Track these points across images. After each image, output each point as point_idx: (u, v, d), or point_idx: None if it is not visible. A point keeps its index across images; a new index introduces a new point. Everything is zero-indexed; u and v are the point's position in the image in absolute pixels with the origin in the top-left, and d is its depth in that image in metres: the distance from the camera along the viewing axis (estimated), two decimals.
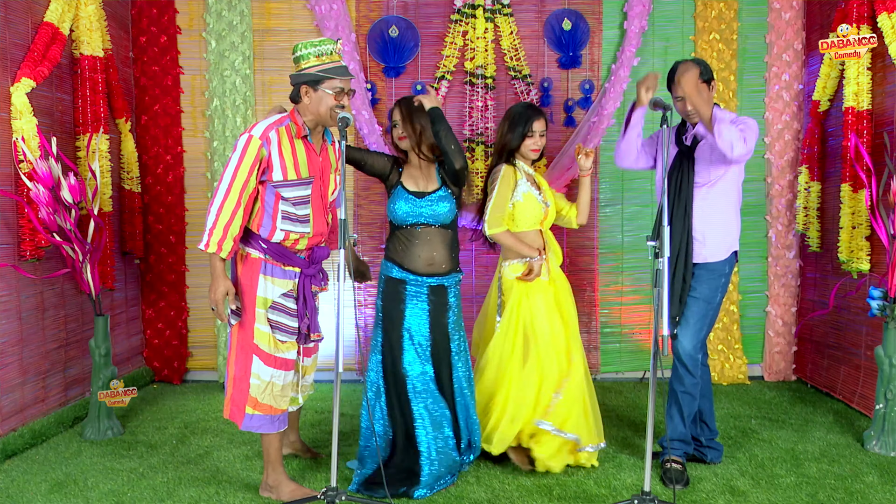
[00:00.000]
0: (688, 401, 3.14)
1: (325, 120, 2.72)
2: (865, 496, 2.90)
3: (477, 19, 4.65)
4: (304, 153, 2.73)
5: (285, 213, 2.72)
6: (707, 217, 3.09)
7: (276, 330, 2.77)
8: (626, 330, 4.84)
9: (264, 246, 2.74)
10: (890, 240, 3.46)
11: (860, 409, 3.98)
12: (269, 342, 2.76)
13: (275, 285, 2.76)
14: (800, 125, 4.67)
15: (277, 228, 2.72)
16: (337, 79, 2.68)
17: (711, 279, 3.12)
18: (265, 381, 2.77)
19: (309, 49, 2.69)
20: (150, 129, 4.70)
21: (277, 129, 2.68)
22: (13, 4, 3.46)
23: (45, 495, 2.95)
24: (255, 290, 2.74)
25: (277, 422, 2.82)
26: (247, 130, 2.68)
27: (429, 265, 3.02)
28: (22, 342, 3.54)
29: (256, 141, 2.63)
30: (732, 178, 3.12)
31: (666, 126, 2.64)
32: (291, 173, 2.69)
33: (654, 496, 2.63)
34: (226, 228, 2.62)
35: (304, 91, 2.70)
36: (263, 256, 2.74)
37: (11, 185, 3.45)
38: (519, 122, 3.22)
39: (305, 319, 2.82)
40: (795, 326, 4.76)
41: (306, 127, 2.72)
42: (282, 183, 2.69)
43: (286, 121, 2.71)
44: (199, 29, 4.73)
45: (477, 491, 2.98)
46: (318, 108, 2.69)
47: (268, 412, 2.79)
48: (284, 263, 2.77)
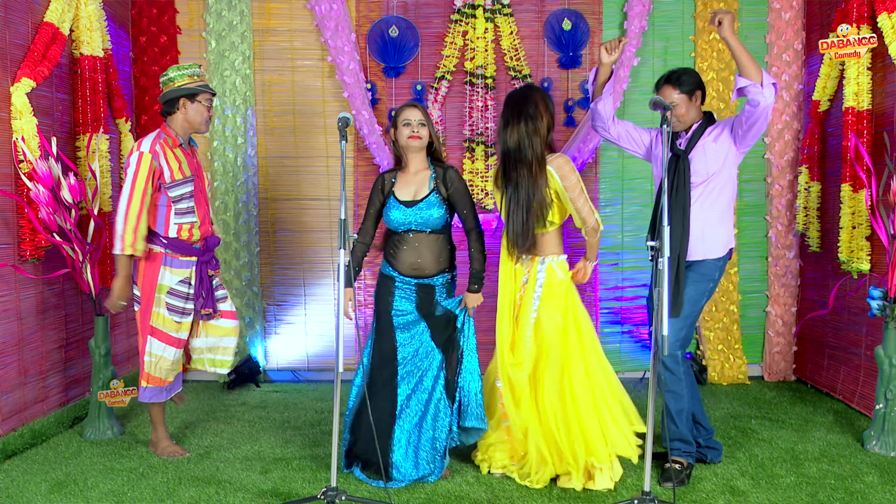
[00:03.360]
0: (672, 399, 3.14)
1: (198, 127, 3.32)
2: (865, 496, 2.90)
3: (477, 19, 4.65)
4: (182, 157, 3.30)
5: (178, 209, 3.26)
6: (705, 215, 3.11)
7: (172, 312, 3.29)
8: (626, 330, 4.85)
9: (165, 241, 3.27)
10: (890, 240, 3.46)
11: (860, 409, 3.98)
12: (164, 323, 3.29)
13: (173, 274, 3.29)
14: (800, 125, 4.67)
15: (171, 223, 3.26)
16: (208, 92, 3.30)
17: (700, 282, 3.13)
18: (157, 356, 3.30)
19: (182, 71, 3.28)
20: (150, 129, 4.69)
21: (159, 142, 3.23)
22: (13, 4, 3.46)
23: (45, 495, 2.95)
24: (155, 279, 3.27)
25: (165, 392, 3.37)
26: (136, 149, 3.19)
27: (413, 269, 3.12)
28: (22, 342, 3.54)
29: (148, 155, 3.18)
30: (728, 175, 3.13)
31: (666, 126, 2.63)
32: (178, 174, 3.25)
33: (654, 496, 2.63)
34: (135, 230, 3.14)
35: (182, 103, 3.27)
36: (164, 250, 3.27)
37: (11, 185, 3.45)
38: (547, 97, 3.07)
39: (201, 299, 3.35)
40: (795, 326, 4.76)
41: (180, 137, 3.30)
42: (171, 183, 3.23)
43: (162, 135, 3.27)
44: (199, 29, 4.73)
45: (477, 491, 2.98)
46: (195, 116, 3.29)
47: (157, 384, 3.33)
48: (182, 254, 3.30)
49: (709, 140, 3.10)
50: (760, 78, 2.89)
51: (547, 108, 3.00)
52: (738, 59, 2.94)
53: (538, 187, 2.93)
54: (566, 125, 4.74)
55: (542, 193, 2.94)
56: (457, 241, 3.29)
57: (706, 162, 3.08)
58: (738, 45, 2.93)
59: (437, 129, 4.70)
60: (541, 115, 2.96)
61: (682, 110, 3.11)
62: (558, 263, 3.04)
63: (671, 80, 3.12)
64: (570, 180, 2.94)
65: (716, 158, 3.08)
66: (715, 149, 3.08)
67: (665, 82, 3.14)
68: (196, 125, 3.31)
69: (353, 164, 4.81)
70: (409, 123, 3.08)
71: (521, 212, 2.95)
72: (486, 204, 4.71)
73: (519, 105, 2.98)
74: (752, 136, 3.04)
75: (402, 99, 4.76)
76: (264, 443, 3.60)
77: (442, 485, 3.03)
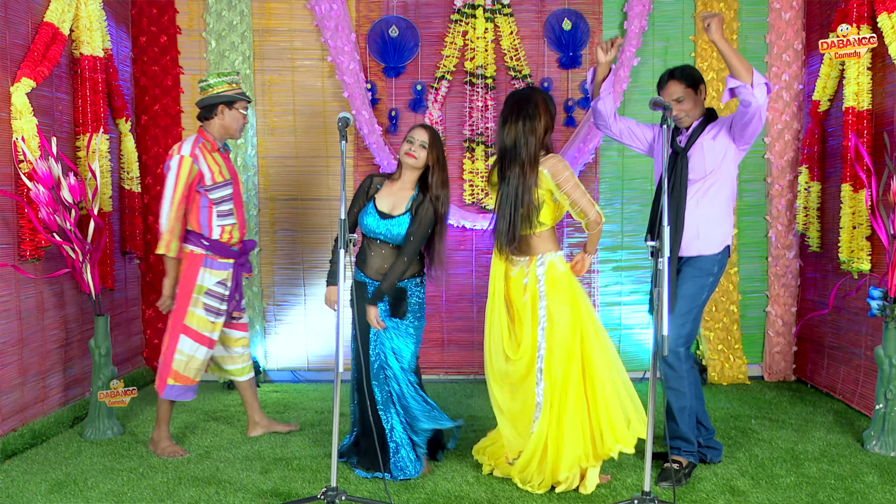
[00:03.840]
0: (674, 396, 3.14)
1: (233, 133, 3.42)
2: (865, 496, 2.90)
3: (477, 19, 4.65)
4: (221, 161, 3.40)
5: (219, 212, 3.37)
6: (701, 212, 3.11)
7: (208, 312, 3.38)
8: (626, 330, 4.85)
9: (206, 243, 3.36)
10: (890, 240, 3.46)
11: (860, 409, 3.98)
12: (199, 323, 3.36)
13: (212, 275, 3.38)
14: (800, 125, 4.67)
15: (214, 225, 3.37)
16: (243, 100, 3.41)
17: (698, 277, 3.13)
18: (188, 356, 3.36)
19: (221, 78, 3.38)
20: (150, 129, 4.70)
21: (198, 147, 3.32)
22: (13, 4, 3.46)
23: (45, 495, 2.95)
24: (194, 280, 3.34)
25: (192, 391, 3.43)
26: (176, 153, 3.28)
27: (379, 273, 3.17)
28: (22, 342, 3.54)
29: (188, 159, 3.27)
30: (727, 174, 3.13)
31: (666, 126, 2.64)
32: (218, 177, 3.35)
33: (654, 496, 2.63)
34: (172, 231, 3.27)
35: (220, 109, 3.36)
36: (205, 252, 3.36)
37: (11, 185, 3.45)
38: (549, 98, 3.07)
39: (234, 301, 3.47)
40: (795, 326, 4.76)
41: (218, 141, 3.40)
42: (211, 186, 3.33)
43: (200, 139, 3.35)
44: (199, 29, 4.73)
45: (477, 491, 2.98)
46: (232, 123, 3.39)
47: (185, 383, 3.39)
48: (222, 256, 3.39)
49: (708, 138, 3.11)
50: (750, 78, 2.89)
51: (547, 109, 3.00)
52: (727, 61, 2.95)
53: (527, 187, 2.94)
54: (566, 125, 4.74)
55: (531, 193, 2.94)
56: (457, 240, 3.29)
57: (704, 159, 3.09)
58: (726, 46, 2.94)
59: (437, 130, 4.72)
60: (539, 115, 2.97)
61: (689, 105, 3.13)
62: (557, 258, 3.03)
63: (675, 75, 3.13)
64: (562, 176, 2.94)
65: (714, 156, 3.08)
66: (714, 146, 3.09)
67: (670, 77, 3.15)
68: (232, 131, 3.41)
69: (353, 164, 4.81)
70: (412, 141, 3.13)
71: (510, 209, 2.97)
72: (486, 204, 4.71)
73: (519, 104, 3.00)
74: (749, 135, 3.05)
75: (402, 99, 4.76)
76: (264, 443, 3.60)
77: (442, 485, 3.03)
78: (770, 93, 2.99)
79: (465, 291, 4.80)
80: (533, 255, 3.03)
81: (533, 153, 2.95)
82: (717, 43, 2.94)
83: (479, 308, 4.78)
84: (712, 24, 2.94)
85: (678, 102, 3.13)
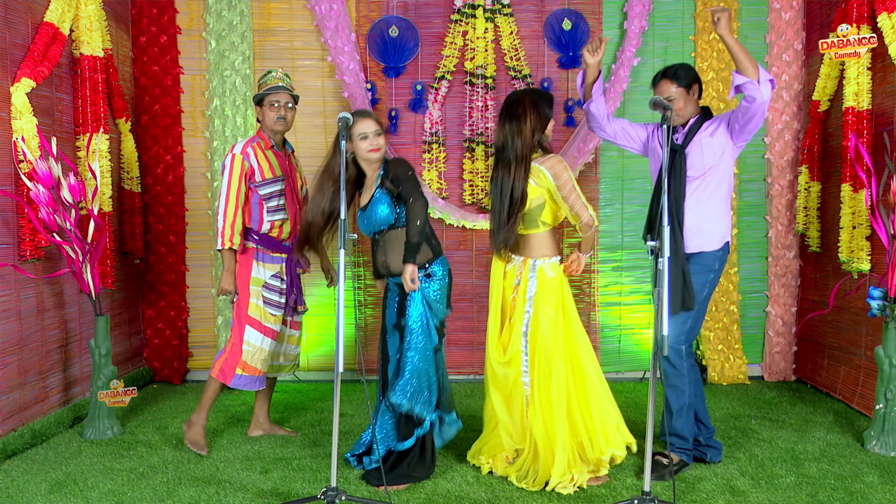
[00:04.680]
0: (673, 394, 3.15)
1: (274, 128, 3.47)
2: (865, 496, 2.90)
3: (477, 19, 4.65)
4: (273, 158, 3.49)
5: (269, 207, 3.45)
6: (701, 209, 3.12)
7: (268, 305, 3.47)
8: (626, 330, 4.85)
9: (256, 237, 3.47)
10: (890, 240, 3.46)
11: (860, 409, 3.98)
12: (261, 314, 3.45)
13: (266, 269, 3.48)
14: (800, 125, 4.67)
15: (265, 220, 3.46)
16: (272, 94, 3.44)
17: (699, 273, 3.14)
18: (255, 347, 3.44)
19: (261, 80, 3.51)
20: (150, 129, 4.70)
21: (252, 145, 3.45)
22: (13, 4, 3.46)
23: (45, 495, 2.95)
24: (248, 272, 3.45)
25: (259, 382, 3.50)
26: (230, 151, 3.41)
27: (383, 268, 3.17)
28: (22, 342, 3.54)
29: (239, 156, 3.40)
30: (725, 170, 3.13)
31: (666, 126, 2.64)
32: (267, 174, 3.45)
33: (654, 496, 2.63)
34: (232, 226, 3.37)
35: (257, 111, 3.52)
36: (256, 246, 3.47)
37: (11, 185, 3.45)
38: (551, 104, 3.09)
39: (293, 294, 3.55)
40: (795, 326, 4.76)
41: (271, 139, 3.49)
42: (261, 182, 3.43)
43: (256, 139, 3.48)
44: (199, 29, 4.73)
45: (477, 491, 2.98)
46: (266, 120, 3.47)
47: (252, 373, 3.46)
48: (273, 250, 3.49)
49: (705, 135, 3.11)
50: (757, 75, 2.90)
51: (535, 110, 3.00)
52: (734, 56, 2.95)
53: (516, 186, 2.96)
54: (566, 125, 4.74)
55: (519, 192, 2.96)
56: (457, 240, 3.29)
57: (703, 156, 3.10)
58: (734, 42, 2.94)
59: (437, 130, 4.72)
60: (525, 116, 2.98)
61: (681, 104, 3.12)
62: (549, 265, 3.04)
63: (668, 75, 3.14)
64: (562, 178, 2.97)
65: (712, 153, 3.09)
66: (711, 143, 3.10)
67: (662, 77, 3.16)
68: (269, 126, 3.47)
69: None
70: (367, 137, 3.07)
71: (500, 208, 3.00)
72: (486, 204, 4.71)
73: (508, 106, 3.05)
74: (749, 132, 3.06)
75: (402, 99, 4.76)
76: (264, 443, 3.60)
77: (442, 485, 3.03)
78: (774, 89, 3.00)
79: (465, 291, 4.80)
80: (528, 258, 3.05)
81: (520, 154, 2.97)
82: (725, 38, 2.94)
83: (479, 308, 4.78)
84: (722, 19, 2.94)
85: (668, 101, 3.13)
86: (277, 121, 3.45)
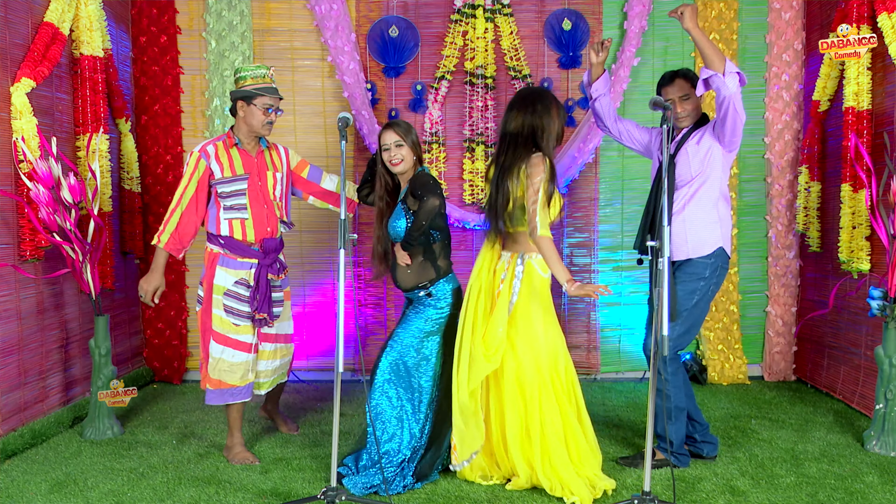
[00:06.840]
0: (659, 399, 3.14)
1: (257, 130, 3.28)
2: (865, 496, 2.90)
3: (477, 19, 4.65)
4: (237, 156, 3.29)
5: (225, 206, 3.26)
6: (688, 216, 3.13)
7: (230, 314, 3.27)
8: (626, 330, 4.85)
9: (222, 241, 3.28)
10: (890, 240, 3.46)
11: (860, 409, 3.98)
12: (221, 324, 3.26)
13: (228, 274, 3.27)
14: (800, 125, 4.67)
15: (222, 220, 3.27)
16: (267, 96, 3.23)
17: (687, 281, 3.13)
18: (215, 358, 3.26)
19: (248, 72, 3.26)
20: (150, 129, 4.70)
21: (214, 144, 3.30)
22: (13, 4, 3.46)
23: (45, 495, 2.95)
24: (212, 279, 3.27)
25: (228, 395, 3.28)
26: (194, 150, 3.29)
27: (395, 282, 3.20)
28: (22, 342, 3.54)
29: (196, 153, 3.26)
30: (713, 177, 3.12)
31: (666, 126, 2.64)
32: (227, 172, 3.26)
33: (654, 496, 2.63)
34: (165, 223, 3.25)
35: (239, 106, 3.25)
36: (221, 251, 3.28)
37: (11, 185, 3.45)
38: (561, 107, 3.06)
39: (255, 302, 3.27)
40: (795, 326, 4.76)
41: (236, 137, 3.29)
42: (220, 180, 3.25)
43: (223, 137, 3.32)
44: (199, 29, 4.73)
45: (477, 491, 2.98)
46: (251, 120, 3.24)
47: (217, 386, 3.27)
48: (240, 255, 3.29)
49: (692, 143, 3.14)
50: (723, 67, 2.91)
51: (559, 114, 3.01)
52: (701, 50, 2.97)
53: (512, 175, 2.93)
54: (566, 125, 4.73)
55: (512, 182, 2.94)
56: (457, 240, 3.29)
57: (689, 165, 3.12)
58: (700, 35, 2.96)
59: (437, 130, 4.72)
60: (550, 114, 2.97)
61: (692, 105, 3.17)
62: (538, 261, 2.99)
63: (680, 75, 3.17)
64: (534, 178, 2.89)
65: (699, 160, 3.11)
66: (697, 150, 3.11)
67: (677, 76, 3.18)
68: (254, 128, 3.26)
69: (353, 164, 4.81)
70: (389, 148, 3.09)
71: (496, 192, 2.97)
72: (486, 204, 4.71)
73: (534, 98, 3.00)
74: (731, 132, 3.02)
75: (402, 99, 4.76)
76: (264, 443, 3.60)
77: (442, 485, 3.03)
78: (743, 84, 2.98)
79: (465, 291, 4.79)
80: (515, 253, 3.02)
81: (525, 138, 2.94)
82: (692, 32, 2.97)
83: None
84: (686, 13, 2.98)
85: (684, 100, 3.15)
86: (266, 125, 3.26)
